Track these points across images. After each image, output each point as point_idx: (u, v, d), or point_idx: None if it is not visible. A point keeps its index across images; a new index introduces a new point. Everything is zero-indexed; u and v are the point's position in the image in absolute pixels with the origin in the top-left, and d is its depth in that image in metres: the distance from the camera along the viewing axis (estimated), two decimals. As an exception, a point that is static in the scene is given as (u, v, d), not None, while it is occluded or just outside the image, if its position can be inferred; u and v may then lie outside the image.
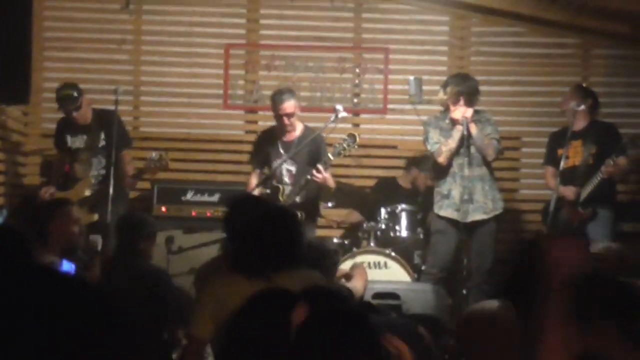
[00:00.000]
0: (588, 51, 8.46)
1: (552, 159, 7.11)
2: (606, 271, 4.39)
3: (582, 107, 6.93)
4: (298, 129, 6.92)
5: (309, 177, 6.63)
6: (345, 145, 6.65)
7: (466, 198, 6.84)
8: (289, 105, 6.80)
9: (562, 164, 6.82)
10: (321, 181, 6.61)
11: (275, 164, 6.86)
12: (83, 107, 7.17)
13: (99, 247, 5.92)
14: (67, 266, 4.94)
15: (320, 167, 6.59)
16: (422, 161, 7.82)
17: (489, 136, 6.98)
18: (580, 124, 6.98)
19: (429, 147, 7.07)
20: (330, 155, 6.66)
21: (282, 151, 6.88)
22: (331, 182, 6.73)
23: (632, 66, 8.43)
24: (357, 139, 6.69)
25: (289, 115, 6.81)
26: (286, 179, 6.84)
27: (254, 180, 6.95)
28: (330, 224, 8.01)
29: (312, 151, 6.81)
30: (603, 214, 6.79)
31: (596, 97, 7.15)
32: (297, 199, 6.74)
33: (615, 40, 8.34)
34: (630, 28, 8.10)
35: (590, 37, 8.37)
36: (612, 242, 5.36)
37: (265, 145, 6.99)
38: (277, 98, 6.85)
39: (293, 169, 6.85)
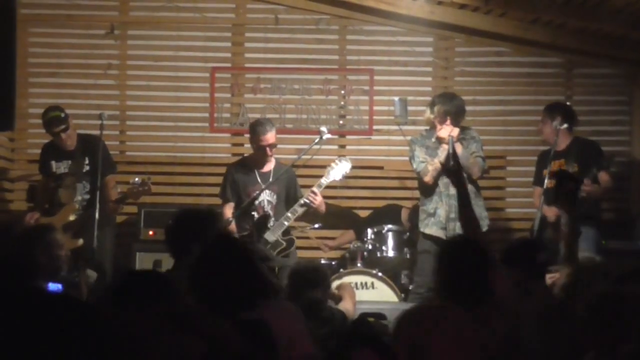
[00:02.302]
0: (570, 70, 8.53)
1: (539, 179, 7.14)
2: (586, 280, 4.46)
3: (565, 125, 6.98)
4: (272, 160, 7.00)
5: (306, 200, 6.70)
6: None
7: (452, 217, 6.87)
8: (272, 135, 6.87)
9: (545, 184, 6.86)
10: (317, 204, 6.71)
11: (261, 195, 6.89)
12: (70, 129, 7.18)
13: (93, 281, 5.87)
14: (54, 287, 4.89)
15: (316, 190, 6.71)
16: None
17: (474, 154, 7.02)
18: (562, 143, 7.02)
19: (414, 166, 7.10)
20: (322, 180, 6.82)
21: (260, 182, 6.92)
22: (324, 207, 6.90)
23: (614, 84, 8.51)
24: (349, 160, 6.99)
25: (272, 146, 6.86)
26: (268, 210, 6.88)
27: (229, 212, 6.96)
28: (321, 247, 8.03)
29: (288, 182, 6.96)
30: (587, 232, 6.76)
31: (566, 109, 7.18)
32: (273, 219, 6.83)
33: (596, 59, 8.40)
34: (610, 47, 8.18)
35: (572, 56, 8.44)
36: (594, 255, 5.38)
37: (241, 177, 7.01)
38: (260, 129, 6.86)
39: (273, 200, 6.92)
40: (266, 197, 6.91)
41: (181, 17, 8.48)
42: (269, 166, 6.97)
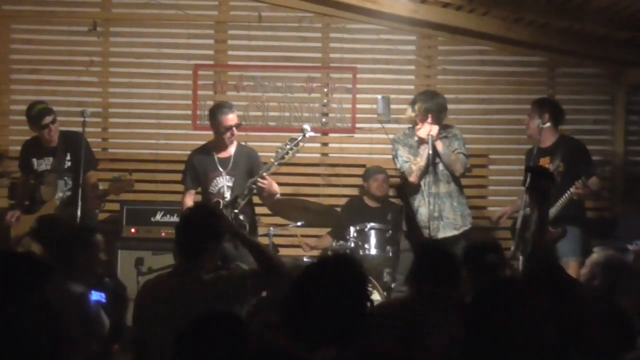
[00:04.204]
0: (553, 69, 8.54)
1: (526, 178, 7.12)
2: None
3: (548, 124, 6.97)
4: (233, 145, 6.96)
5: (253, 186, 6.67)
6: (287, 148, 6.67)
7: (436, 215, 6.87)
8: (234, 117, 6.87)
9: (527, 182, 6.82)
10: (267, 186, 6.66)
11: (220, 181, 6.87)
12: (56, 122, 7.13)
13: None
14: (97, 296, 4.68)
15: (264, 173, 6.65)
16: (367, 171, 7.97)
17: (456, 151, 7.02)
18: (548, 140, 6.99)
19: (398, 165, 7.10)
20: (273, 161, 6.69)
21: (220, 168, 6.91)
22: (276, 188, 6.80)
23: (597, 84, 8.54)
24: (300, 143, 6.70)
25: (234, 127, 6.85)
26: (227, 195, 6.84)
27: (189, 200, 6.94)
28: (302, 245, 8.02)
29: (250, 166, 6.87)
30: (572, 231, 6.79)
31: (554, 106, 7.15)
32: (241, 217, 6.71)
33: (579, 58, 8.43)
34: (593, 47, 8.20)
35: (555, 56, 8.45)
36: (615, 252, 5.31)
37: (202, 163, 6.99)
38: (220, 111, 6.87)
39: (231, 184, 6.87)
40: (225, 183, 6.89)
41: (164, 14, 8.45)
42: (229, 151, 6.93)
